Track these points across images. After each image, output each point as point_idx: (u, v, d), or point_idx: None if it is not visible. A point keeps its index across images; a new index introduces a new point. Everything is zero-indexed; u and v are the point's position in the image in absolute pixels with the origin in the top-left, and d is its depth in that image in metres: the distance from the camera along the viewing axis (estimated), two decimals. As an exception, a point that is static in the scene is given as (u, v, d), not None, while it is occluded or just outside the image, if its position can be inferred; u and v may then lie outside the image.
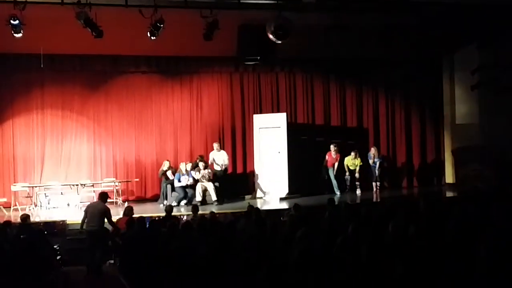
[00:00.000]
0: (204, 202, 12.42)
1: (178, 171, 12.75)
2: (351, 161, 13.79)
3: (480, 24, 11.72)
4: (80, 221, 8.69)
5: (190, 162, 13.25)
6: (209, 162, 13.05)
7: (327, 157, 13.88)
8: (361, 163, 13.76)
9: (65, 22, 9.71)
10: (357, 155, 13.78)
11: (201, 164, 12.67)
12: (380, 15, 10.87)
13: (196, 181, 12.61)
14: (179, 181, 12.51)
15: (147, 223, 8.13)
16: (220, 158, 13.15)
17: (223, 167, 13.15)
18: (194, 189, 12.52)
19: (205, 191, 12.60)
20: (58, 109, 13.64)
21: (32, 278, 5.44)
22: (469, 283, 3.76)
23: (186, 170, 12.67)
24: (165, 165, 12.95)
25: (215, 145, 13.30)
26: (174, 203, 11.99)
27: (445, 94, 15.24)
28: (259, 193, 13.67)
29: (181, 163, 12.95)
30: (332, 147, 13.83)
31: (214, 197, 12.44)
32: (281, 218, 9.24)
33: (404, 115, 15.62)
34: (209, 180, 12.62)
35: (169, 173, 12.81)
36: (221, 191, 12.80)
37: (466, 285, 3.78)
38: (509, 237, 3.89)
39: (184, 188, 12.47)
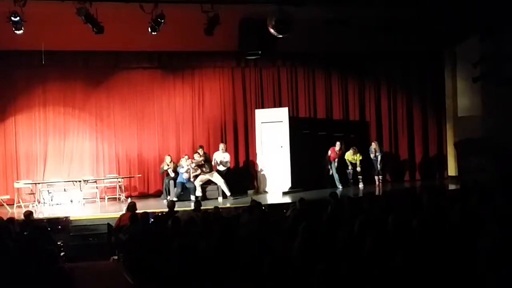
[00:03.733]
0: (204, 197, 12.43)
1: (178, 165, 12.75)
2: (351, 157, 13.81)
3: (481, 16, 11.67)
4: (83, 217, 8.80)
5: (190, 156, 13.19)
6: (212, 163, 12.99)
7: (330, 152, 13.87)
8: (361, 158, 13.76)
9: (66, 18, 9.71)
10: (356, 151, 13.77)
11: (196, 155, 12.64)
12: (381, 8, 10.84)
13: (196, 176, 12.60)
14: (182, 174, 12.53)
15: (151, 218, 8.16)
16: (222, 159, 13.10)
17: (225, 167, 13.09)
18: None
19: (205, 183, 12.60)
20: (60, 106, 13.64)
21: (36, 275, 5.45)
22: (472, 275, 3.76)
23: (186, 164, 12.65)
24: (167, 160, 12.93)
25: (221, 146, 13.24)
26: (174, 198, 12.04)
27: (447, 87, 15.19)
28: (261, 188, 13.68)
29: (182, 158, 12.90)
30: (338, 143, 13.81)
31: (227, 192, 12.44)
32: (284, 211, 9.22)
33: (406, 108, 15.58)
34: (200, 169, 12.58)
35: (170, 171, 12.80)
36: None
37: (469, 278, 3.78)
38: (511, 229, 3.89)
39: (183, 183, 12.47)
